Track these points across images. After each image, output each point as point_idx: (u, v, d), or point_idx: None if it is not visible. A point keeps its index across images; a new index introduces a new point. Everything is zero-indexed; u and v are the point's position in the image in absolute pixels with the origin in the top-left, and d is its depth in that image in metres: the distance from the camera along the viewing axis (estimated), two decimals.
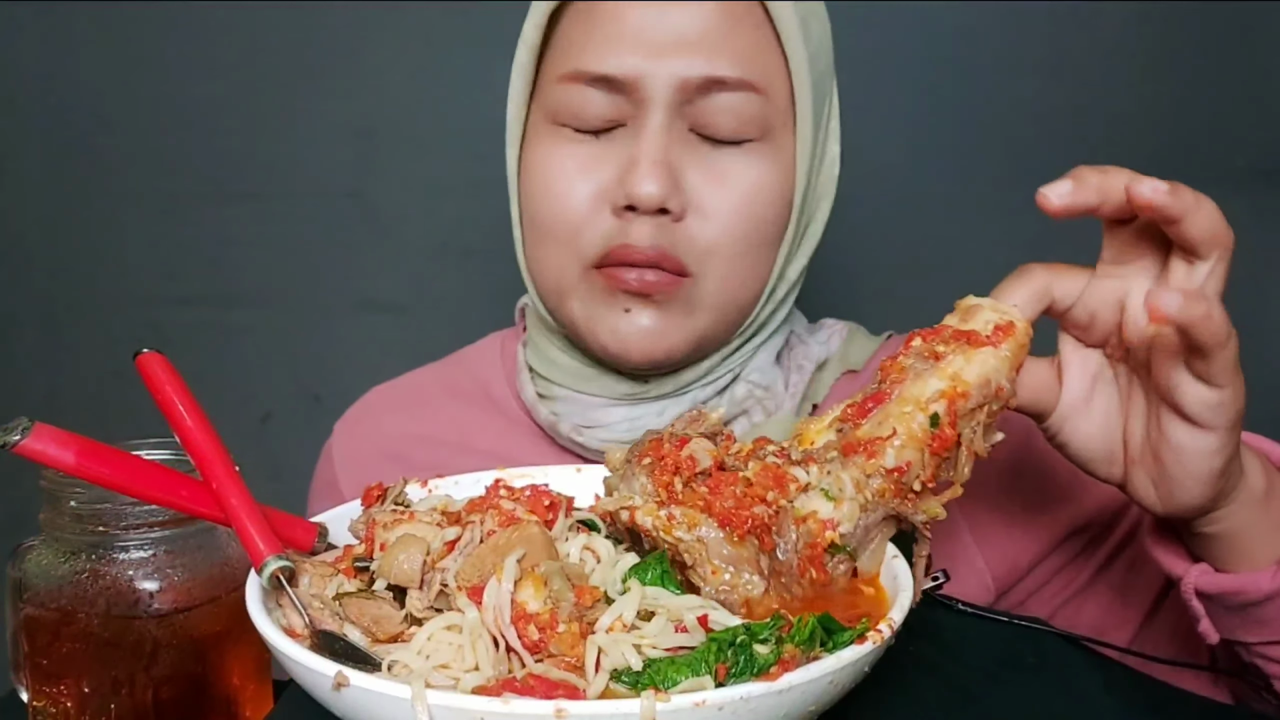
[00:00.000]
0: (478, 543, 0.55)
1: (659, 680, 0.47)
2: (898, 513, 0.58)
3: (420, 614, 0.54)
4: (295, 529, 0.62)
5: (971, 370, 0.60)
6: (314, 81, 1.47)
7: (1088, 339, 0.66)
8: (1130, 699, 0.63)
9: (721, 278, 0.84)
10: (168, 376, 0.64)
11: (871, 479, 0.58)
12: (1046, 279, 0.64)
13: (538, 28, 0.85)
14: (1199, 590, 0.68)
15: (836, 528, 0.57)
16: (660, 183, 0.79)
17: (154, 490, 0.60)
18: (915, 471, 0.59)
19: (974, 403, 0.60)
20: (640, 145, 0.80)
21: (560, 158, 0.84)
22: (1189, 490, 0.63)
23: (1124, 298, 0.63)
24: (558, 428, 0.89)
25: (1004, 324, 0.62)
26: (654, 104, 0.80)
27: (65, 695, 0.66)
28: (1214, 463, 0.61)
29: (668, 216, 0.81)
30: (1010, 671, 0.63)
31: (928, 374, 0.60)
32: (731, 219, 0.82)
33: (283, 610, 0.55)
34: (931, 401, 0.59)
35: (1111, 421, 0.66)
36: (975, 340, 0.61)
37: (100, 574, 0.65)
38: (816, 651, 0.50)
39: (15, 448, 0.57)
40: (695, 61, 0.80)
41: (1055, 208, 0.60)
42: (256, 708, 0.70)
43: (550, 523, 0.58)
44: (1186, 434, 0.61)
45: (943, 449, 0.59)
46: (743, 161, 0.83)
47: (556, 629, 0.50)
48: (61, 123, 1.52)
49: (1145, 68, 1.40)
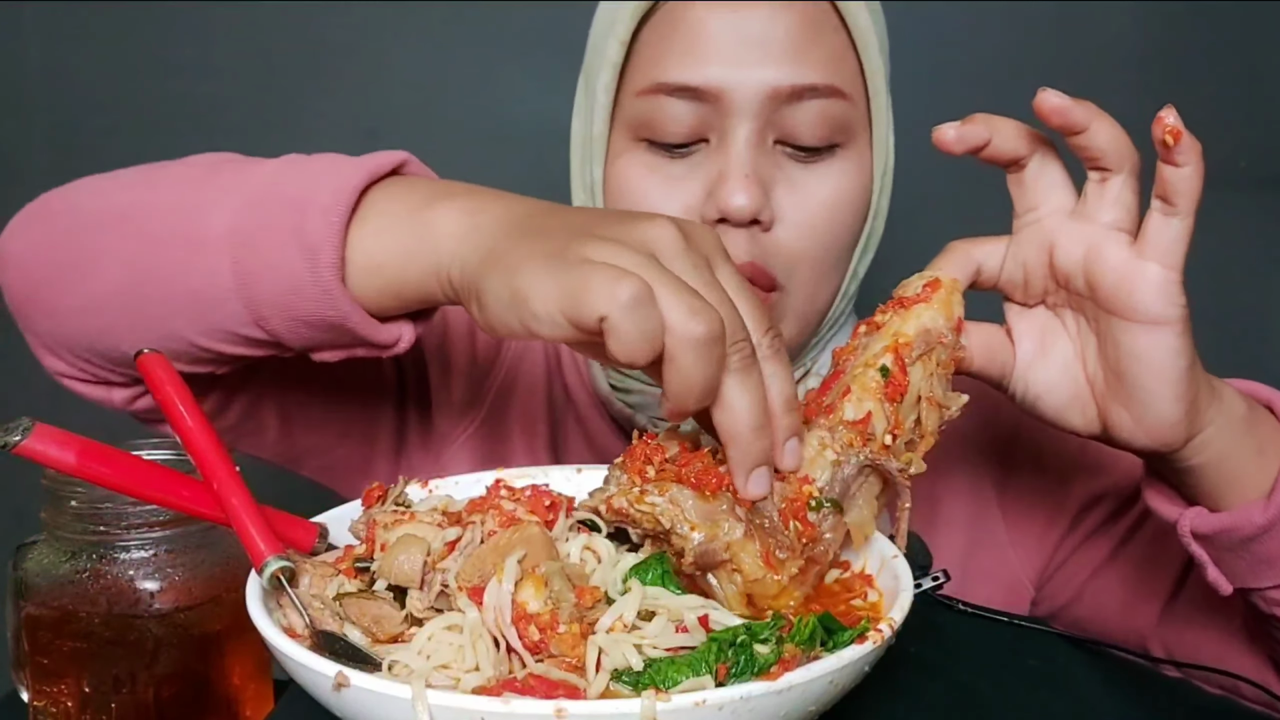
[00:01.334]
0: (478, 543, 0.55)
1: (660, 680, 0.47)
2: (872, 462, 0.60)
3: (420, 614, 0.54)
4: (295, 529, 0.62)
5: (909, 325, 0.65)
6: (319, 81, 1.47)
7: (1028, 297, 0.69)
8: (1132, 699, 0.63)
9: (808, 287, 0.85)
10: (168, 376, 0.64)
11: (835, 432, 0.60)
12: (967, 246, 0.69)
13: (621, 44, 0.83)
14: (1196, 532, 0.68)
15: (813, 483, 0.58)
16: (751, 195, 0.79)
17: (155, 490, 0.60)
18: (878, 421, 0.61)
19: (918, 350, 0.64)
20: (729, 158, 0.80)
21: (647, 174, 0.84)
22: (1163, 402, 0.63)
23: (1048, 237, 0.66)
24: (635, 420, 0.91)
25: (930, 281, 0.67)
26: (741, 114, 0.80)
27: (66, 694, 0.66)
28: (1178, 362, 0.62)
29: (757, 227, 0.81)
30: (1011, 672, 0.63)
31: (872, 341, 0.65)
32: (818, 229, 0.83)
33: (283, 610, 0.55)
34: (878, 357, 0.63)
35: (1070, 363, 0.68)
36: (906, 302, 0.66)
37: (101, 573, 0.65)
38: (817, 651, 0.50)
39: (16, 448, 0.57)
40: (783, 70, 0.79)
41: (949, 139, 0.64)
42: (257, 708, 0.70)
43: (550, 523, 0.58)
44: (1143, 336, 0.62)
45: (897, 394, 0.62)
46: (825, 171, 0.83)
47: (557, 629, 0.50)
48: (62, 123, 1.52)
49: (1146, 70, 1.40)
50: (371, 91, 1.47)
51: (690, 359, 0.50)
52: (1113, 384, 0.65)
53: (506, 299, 0.55)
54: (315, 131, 1.46)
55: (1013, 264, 0.68)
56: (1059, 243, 0.66)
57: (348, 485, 0.95)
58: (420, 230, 0.64)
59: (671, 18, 0.82)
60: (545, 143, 0.93)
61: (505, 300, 0.55)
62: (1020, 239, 0.68)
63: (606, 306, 0.50)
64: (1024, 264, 0.68)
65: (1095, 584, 0.88)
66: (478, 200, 0.64)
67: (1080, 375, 0.67)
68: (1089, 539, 0.88)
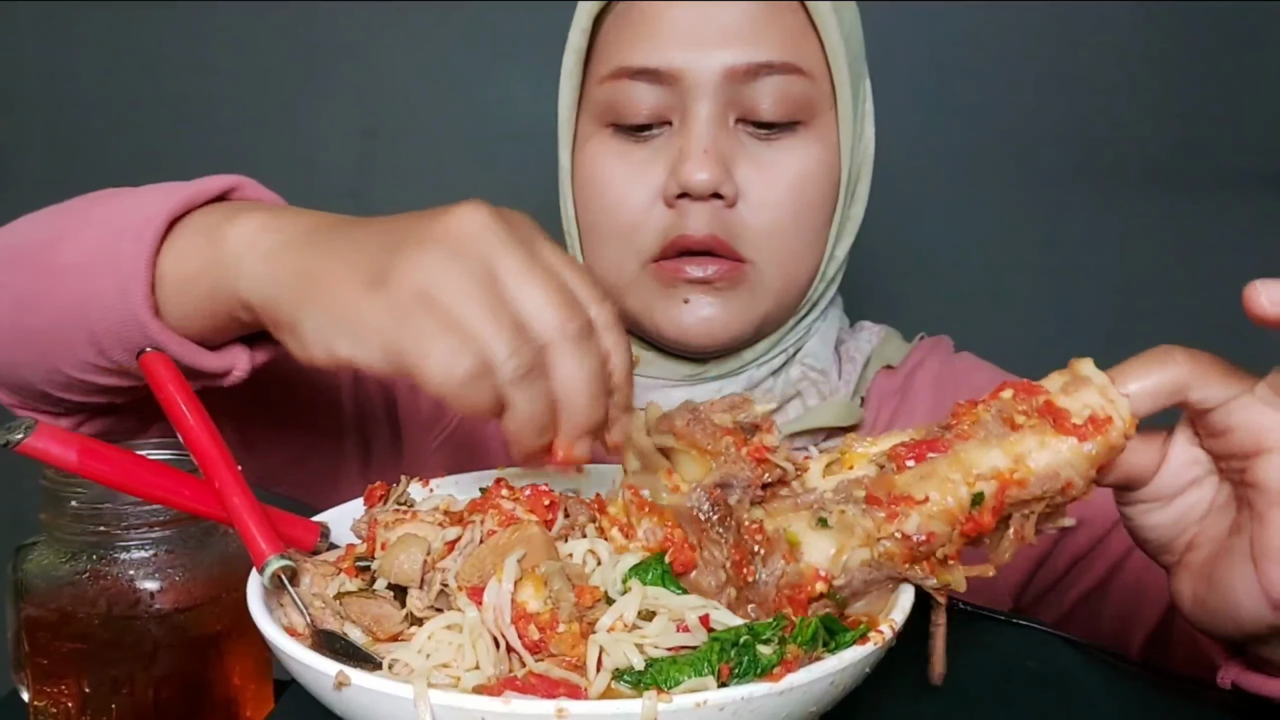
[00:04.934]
0: (478, 543, 0.55)
1: (661, 680, 0.47)
2: (904, 577, 0.54)
3: (421, 613, 0.54)
4: (297, 528, 0.62)
5: (1041, 458, 0.53)
6: (316, 81, 1.47)
7: (1208, 444, 0.57)
8: (1131, 701, 0.63)
9: (779, 261, 0.86)
10: (171, 375, 0.64)
11: (883, 540, 0.53)
12: (1187, 375, 0.54)
13: (583, 32, 0.87)
14: (1237, 684, 0.61)
15: (830, 580, 0.54)
16: (711, 169, 0.81)
17: (156, 489, 0.60)
18: (939, 543, 0.54)
19: (1030, 494, 0.53)
20: (689, 135, 0.82)
21: (613, 160, 0.86)
22: (1223, 630, 0.57)
23: (1271, 439, 0.53)
24: None
25: (1102, 417, 0.53)
26: (700, 94, 0.82)
27: (66, 695, 0.66)
28: (1262, 631, 0.55)
29: (721, 203, 0.83)
30: (1012, 674, 0.63)
31: (993, 443, 0.53)
32: (783, 204, 0.84)
33: (284, 609, 0.55)
34: (982, 478, 0.53)
35: (1187, 522, 0.58)
36: (1061, 425, 0.53)
37: (101, 574, 0.65)
38: (819, 652, 0.50)
39: (18, 446, 0.57)
40: (739, 49, 0.82)
41: (1265, 313, 0.50)
42: (258, 707, 0.70)
43: (550, 523, 0.58)
44: (1250, 595, 0.54)
45: (975, 532, 0.53)
46: (788, 147, 0.85)
47: (557, 629, 0.50)
48: (61, 123, 1.52)
49: (1150, 71, 1.40)
50: (369, 92, 1.47)
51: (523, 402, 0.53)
52: (1201, 581, 0.57)
53: (328, 333, 0.55)
54: (312, 132, 1.46)
55: (1222, 418, 0.54)
56: None
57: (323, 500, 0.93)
58: (213, 248, 0.64)
59: (633, 7, 0.85)
60: (542, 143, 0.93)
61: (326, 335, 0.55)
62: (1249, 406, 0.53)
63: (443, 382, 0.52)
64: (1232, 429, 0.54)
65: (1083, 609, 0.87)
66: (276, 215, 0.63)
67: (1186, 537, 0.58)
68: (1077, 563, 0.87)
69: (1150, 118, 1.41)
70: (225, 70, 1.47)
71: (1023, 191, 1.44)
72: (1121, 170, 1.42)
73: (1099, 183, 1.43)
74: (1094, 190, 1.43)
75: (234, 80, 1.48)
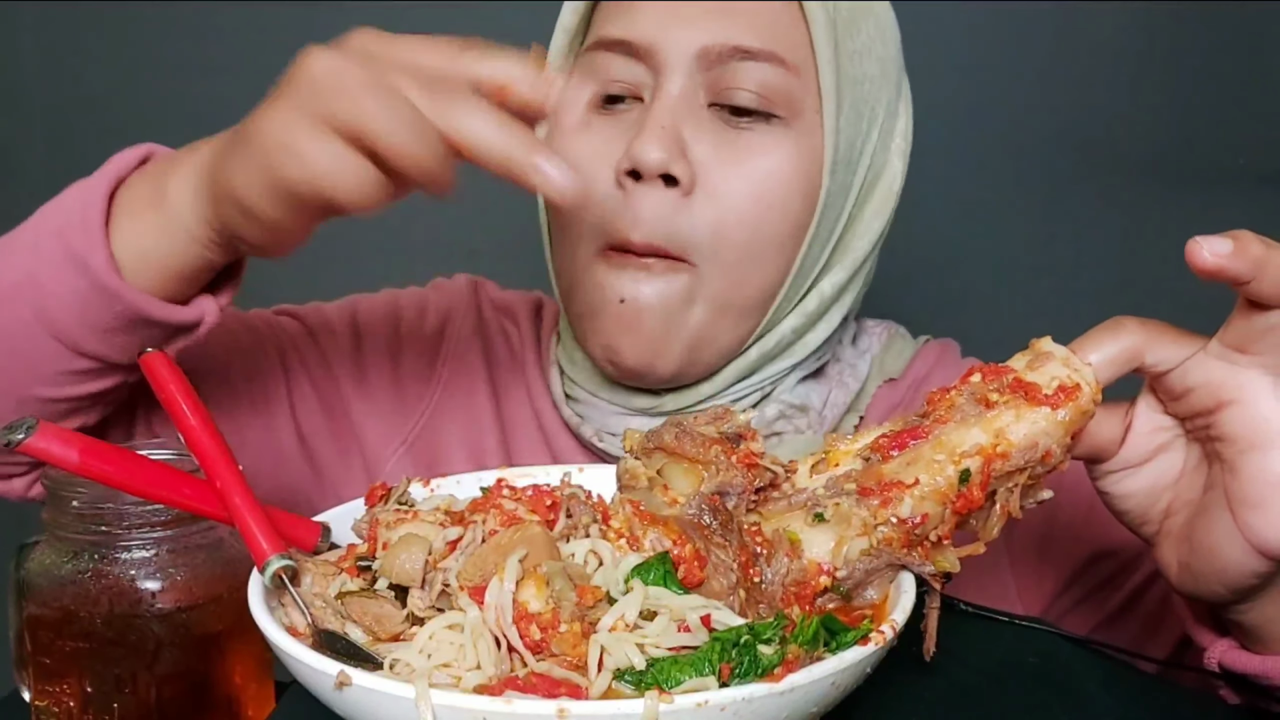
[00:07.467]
0: (479, 542, 0.55)
1: (663, 680, 0.47)
2: (903, 563, 0.55)
3: (422, 613, 0.55)
4: (298, 528, 0.62)
5: (1019, 429, 0.55)
6: None
7: (1171, 408, 0.59)
8: (1132, 700, 0.63)
9: (725, 269, 0.78)
10: (171, 375, 0.64)
11: (880, 527, 0.55)
12: (1140, 341, 0.57)
13: (574, 10, 0.85)
14: (1223, 665, 0.63)
15: (834, 573, 0.55)
16: (664, 146, 0.75)
17: (157, 489, 0.60)
18: (933, 524, 0.55)
19: (1014, 465, 0.55)
20: (650, 110, 0.78)
21: (579, 130, 0.81)
22: (1211, 590, 0.58)
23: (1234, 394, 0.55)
24: (581, 430, 0.87)
25: (1070, 385, 0.55)
26: (671, 70, 0.78)
27: (68, 694, 0.66)
28: (1248, 582, 0.57)
29: (675, 191, 0.77)
30: (1012, 672, 0.63)
31: (972, 422, 0.55)
32: (743, 201, 0.78)
33: (285, 609, 0.55)
34: (966, 456, 0.55)
35: (1160, 489, 0.60)
36: (1033, 396, 0.55)
37: (103, 573, 0.65)
38: (820, 652, 0.50)
39: (20, 446, 0.57)
40: (717, 29, 0.78)
41: (1206, 264, 0.52)
42: (259, 707, 0.70)
43: (551, 523, 0.58)
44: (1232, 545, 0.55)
45: (966, 509, 0.55)
46: (761, 141, 0.79)
47: (558, 629, 0.50)
48: (61, 123, 1.52)
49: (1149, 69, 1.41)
50: None
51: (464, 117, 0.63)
52: (1183, 543, 0.59)
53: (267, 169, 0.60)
54: None
55: (1179, 379, 0.57)
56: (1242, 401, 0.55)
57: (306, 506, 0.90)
58: (161, 208, 0.68)
59: None
60: None
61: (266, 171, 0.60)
62: (1203, 363, 0.56)
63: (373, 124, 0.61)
64: (1190, 389, 0.56)
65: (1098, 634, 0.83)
66: (195, 154, 0.68)
67: (1162, 504, 0.60)
68: (1092, 594, 0.83)
69: (1149, 116, 1.41)
70: (225, 70, 1.47)
71: (1021, 189, 1.44)
72: (1120, 168, 1.42)
73: (1098, 180, 1.43)
74: (1093, 187, 1.43)
75: (234, 80, 1.48)
